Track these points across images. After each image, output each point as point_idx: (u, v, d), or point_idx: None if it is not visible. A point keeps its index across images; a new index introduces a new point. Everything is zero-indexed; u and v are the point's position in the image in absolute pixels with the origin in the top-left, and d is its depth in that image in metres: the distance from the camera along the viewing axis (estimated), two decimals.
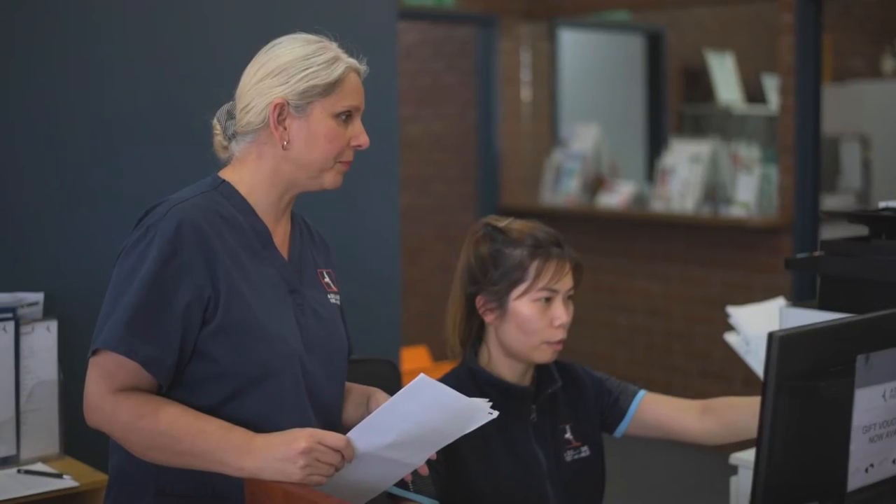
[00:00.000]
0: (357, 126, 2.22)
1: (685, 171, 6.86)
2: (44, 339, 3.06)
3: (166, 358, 2.05)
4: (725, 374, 6.47)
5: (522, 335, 2.46)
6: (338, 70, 2.17)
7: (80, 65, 3.40)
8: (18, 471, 2.94)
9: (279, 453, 1.98)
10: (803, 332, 1.84)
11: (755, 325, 3.08)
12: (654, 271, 6.92)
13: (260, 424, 2.08)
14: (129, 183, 3.44)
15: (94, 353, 2.07)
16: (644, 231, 7.00)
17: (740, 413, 2.52)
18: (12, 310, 2.98)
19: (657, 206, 6.96)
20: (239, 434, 2.03)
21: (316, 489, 2.00)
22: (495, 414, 2.05)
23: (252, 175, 2.21)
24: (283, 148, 2.17)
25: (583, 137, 7.59)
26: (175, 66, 3.58)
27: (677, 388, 6.68)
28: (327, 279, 2.35)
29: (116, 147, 3.46)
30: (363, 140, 2.21)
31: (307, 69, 2.16)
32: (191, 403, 2.08)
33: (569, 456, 2.54)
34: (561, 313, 2.47)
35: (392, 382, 2.85)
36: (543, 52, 7.78)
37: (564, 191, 7.48)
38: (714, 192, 6.82)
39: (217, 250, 2.09)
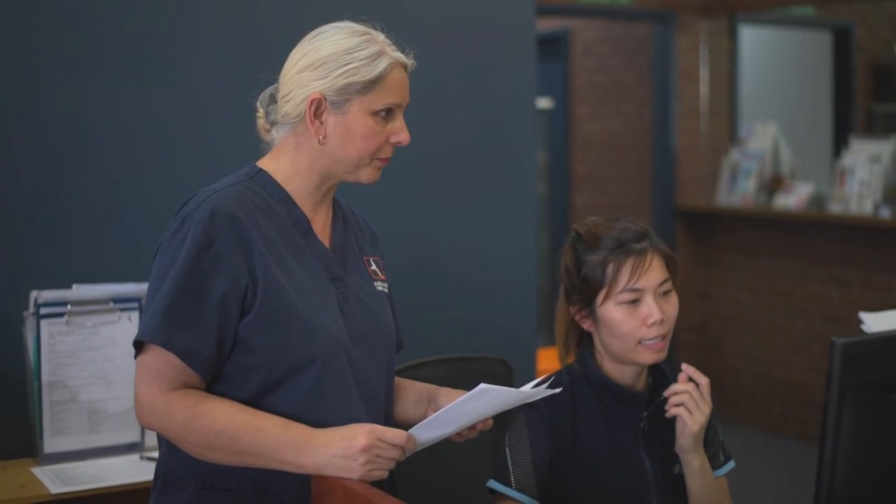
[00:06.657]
0: (398, 122, 2.16)
1: (864, 171, 6.59)
2: None
3: (204, 349, 2.02)
4: None
5: (616, 339, 2.38)
6: (380, 66, 2.11)
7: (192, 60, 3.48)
8: (141, 457, 3.03)
9: (339, 450, 1.96)
10: (870, 341, 1.76)
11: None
12: (833, 275, 6.67)
13: (305, 414, 2.05)
14: None
15: (139, 352, 2.06)
16: (822, 233, 6.75)
17: None
18: (138, 300, 3.05)
19: (835, 207, 6.71)
20: (297, 431, 2.01)
21: None
22: (557, 390, 2.19)
23: (290, 165, 2.18)
24: (320, 143, 2.14)
25: (761, 136, 7.37)
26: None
27: None
28: (374, 267, 2.30)
29: (224, 140, 3.47)
30: (403, 137, 2.16)
31: (348, 64, 2.10)
32: (233, 395, 2.06)
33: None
34: (652, 311, 2.35)
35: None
36: (723, 49, 7.60)
37: (741, 191, 7.28)
38: (895, 193, 6.53)
39: (253, 239, 2.07)
